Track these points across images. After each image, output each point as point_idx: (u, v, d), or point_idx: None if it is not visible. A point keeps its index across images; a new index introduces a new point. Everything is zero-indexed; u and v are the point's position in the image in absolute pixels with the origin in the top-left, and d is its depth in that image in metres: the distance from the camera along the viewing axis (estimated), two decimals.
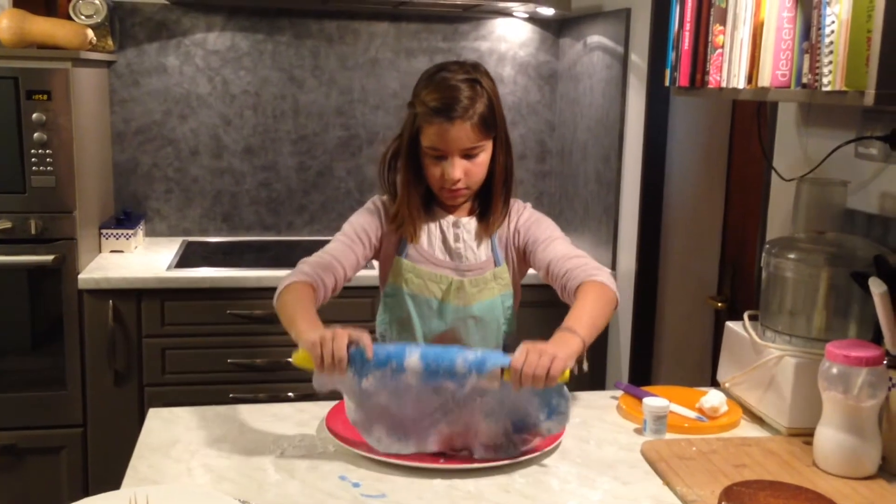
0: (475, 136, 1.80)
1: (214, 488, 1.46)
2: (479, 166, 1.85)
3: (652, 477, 1.54)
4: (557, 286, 1.83)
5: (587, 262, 1.80)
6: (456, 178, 1.82)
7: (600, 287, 1.73)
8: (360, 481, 1.50)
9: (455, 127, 1.78)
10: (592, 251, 3.29)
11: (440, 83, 1.81)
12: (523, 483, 1.51)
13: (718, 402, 1.79)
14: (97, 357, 2.90)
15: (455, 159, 1.81)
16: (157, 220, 3.52)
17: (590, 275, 1.75)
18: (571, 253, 1.84)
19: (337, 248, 1.89)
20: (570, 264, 1.79)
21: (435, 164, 1.84)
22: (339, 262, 1.85)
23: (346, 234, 1.92)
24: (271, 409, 1.83)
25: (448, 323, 1.90)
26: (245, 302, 2.95)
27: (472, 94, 1.80)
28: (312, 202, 3.61)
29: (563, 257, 1.82)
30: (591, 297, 1.70)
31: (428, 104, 1.79)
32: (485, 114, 1.81)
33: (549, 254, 1.85)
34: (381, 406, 1.62)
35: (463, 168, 1.82)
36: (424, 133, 1.81)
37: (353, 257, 1.89)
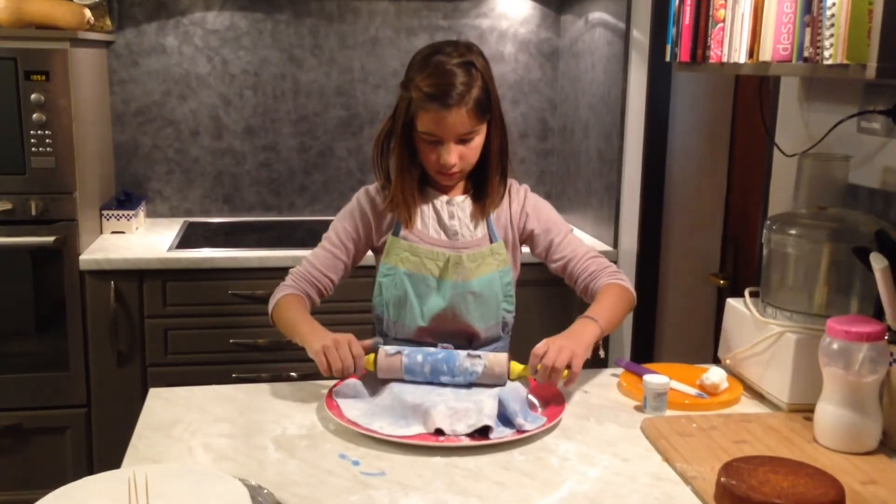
0: (471, 121, 1.79)
1: (215, 467, 1.46)
2: (473, 150, 1.85)
3: (652, 454, 1.54)
4: (577, 284, 1.94)
5: (607, 265, 1.95)
6: (452, 163, 1.82)
7: (623, 289, 1.89)
8: (360, 459, 1.50)
9: (451, 113, 1.77)
10: (594, 229, 3.28)
11: (435, 68, 1.78)
12: (523, 460, 1.51)
13: (719, 378, 1.78)
14: (100, 338, 2.90)
15: (450, 145, 1.81)
16: (158, 201, 3.52)
17: (613, 278, 1.91)
18: (589, 252, 1.96)
19: (322, 257, 1.95)
20: (593, 266, 1.93)
21: (430, 148, 1.83)
22: (324, 273, 1.94)
23: (332, 242, 1.96)
24: (271, 389, 1.83)
25: (447, 299, 1.90)
26: (247, 282, 2.95)
27: (468, 80, 1.78)
28: (314, 182, 3.60)
29: (582, 257, 1.94)
30: (615, 295, 1.86)
31: (423, 90, 1.77)
32: (480, 98, 1.80)
33: (566, 251, 1.95)
34: (383, 406, 1.64)
35: (458, 153, 1.82)
36: (420, 119, 1.80)
37: (339, 265, 1.96)
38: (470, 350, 1.78)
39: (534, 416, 1.63)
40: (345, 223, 1.96)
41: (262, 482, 1.40)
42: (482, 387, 1.70)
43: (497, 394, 1.62)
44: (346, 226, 1.96)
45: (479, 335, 1.94)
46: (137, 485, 1.25)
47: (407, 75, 1.84)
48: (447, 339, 1.92)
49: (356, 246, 1.97)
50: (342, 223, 1.97)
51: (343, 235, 1.96)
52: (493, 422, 1.57)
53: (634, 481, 1.44)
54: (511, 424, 1.60)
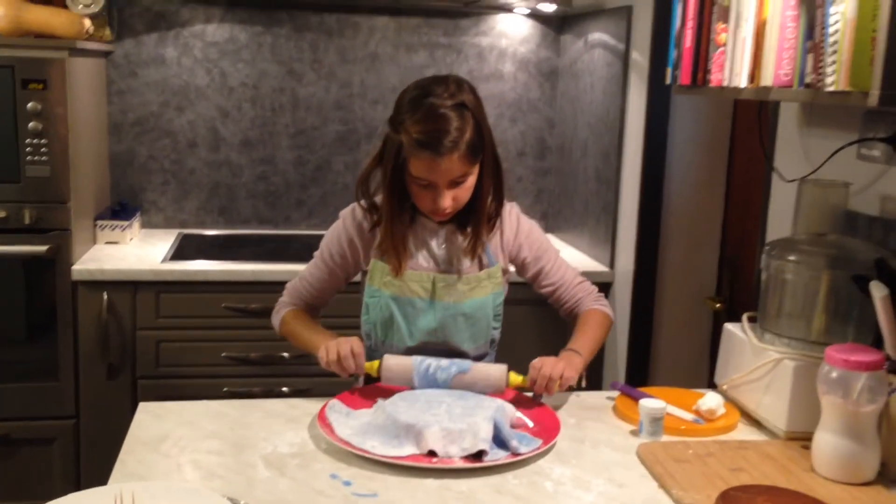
0: (463, 165, 1.75)
1: (203, 485, 1.44)
2: (466, 190, 1.81)
3: (647, 480, 1.52)
4: (562, 308, 2.02)
5: (591, 290, 2.02)
6: (446, 207, 1.79)
7: (604, 315, 1.97)
8: (352, 480, 1.48)
9: (444, 160, 1.72)
10: (591, 249, 3.27)
11: (427, 113, 1.72)
12: (516, 484, 1.49)
13: (716, 404, 1.77)
14: (90, 349, 2.88)
15: (444, 190, 1.77)
16: (153, 212, 3.50)
17: (596, 303, 1.99)
18: (576, 279, 2.02)
19: (316, 275, 1.98)
20: (580, 293, 2.00)
21: (423, 191, 1.79)
22: (318, 291, 2.00)
23: (324, 261, 1.97)
24: (263, 405, 1.81)
25: (437, 320, 1.88)
26: (240, 296, 2.93)
27: (461, 124, 1.73)
28: (310, 196, 3.59)
29: (570, 284, 2.00)
30: (595, 323, 1.94)
31: (414, 136, 1.71)
32: (473, 140, 1.75)
33: (555, 278, 1.99)
34: (376, 425, 1.62)
35: (452, 195, 1.79)
36: (412, 164, 1.75)
37: (332, 284, 1.99)
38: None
39: (528, 439, 1.61)
40: (332, 247, 1.95)
41: (250, 501, 1.38)
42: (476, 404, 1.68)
43: (492, 416, 1.60)
44: (332, 250, 1.95)
45: (467, 354, 1.92)
46: (124, 502, 1.23)
47: (396, 116, 1.77)
48: None
49: (345, 269, 1.97)
50: (330, 246, 1.96)
51: (332, 257, 1.95)
52: (488, 445, 1.55)
53: None
54: (505, 447, 1.58)
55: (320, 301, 2.01)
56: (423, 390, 1.77)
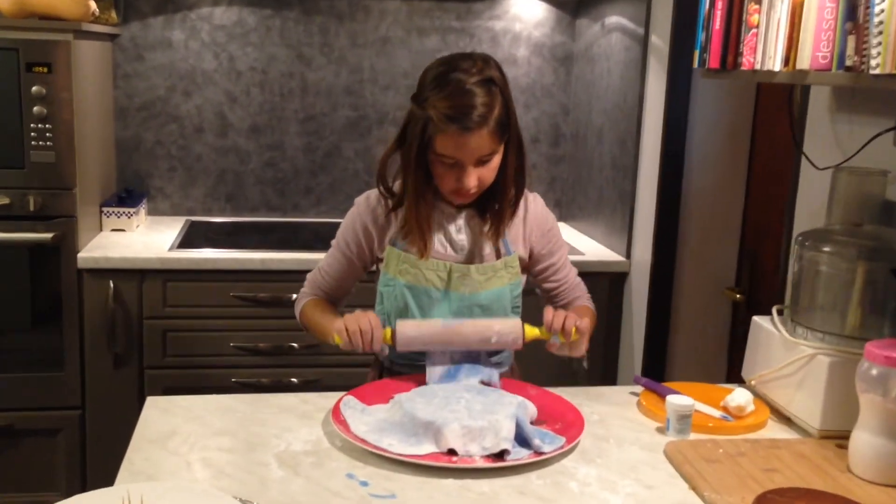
0: (491, 142, 1.70)
1: (214, 485, 1.38)
2: (491, 170, 1.76)
3: (677, 480, 1.46)
4: (554, 303, 1.95)
5: (585, 290, 2.01)
6: (471, 186, 1.73)
7: (594, 314, 1.97)
8: (369, 480, 1.42)
9: (472, 136, 1.67)
10: (606, 238, 3.21)
11: (455, 88, 1.67)
12: (540, 485, 1.42)
13: (745, 400, 1.70)
14: (96, 338, 2.82)
15: (470, 168, 1.71)
16: (159, 198, 3.44)
17: (588, 303, 1.99)
18: (576, 279, 2.00)
19: (334, 266, 1.93)
20: (577, 292, 1.99)
21: (447, 170, 1.73)
22: (337, 283, 1.94)
23: (341, 251, 1.92)
24: (274, 400, 1.75)
25: (452, 312, 1.82)
26: (249, 284, 2.87)
27: (489, 99, 1.68)
28: (319, 183, 3.52)
29: (572, 285, 1.98)
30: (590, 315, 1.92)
31: (441, 111, 1.66)
32: (501, 117, 1.70)
33: (560, 277, 1.97)
34: (393, 422, 1.56)
35: (477, 174, 1.73)
36: (438, 141, 1.69)
37: (351, 274, 1.93)
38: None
39: (551, 437, 1.54)
40: (347, 235, 1.91)
41: (264, 503, 1.32)
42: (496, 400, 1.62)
43: (514, 414, 1.54)
44: (347, 238, 1.90)
45: None
46: None
47: (420, 93, 1.72)
48: None
49: (361, 257, 1.91)
50: (345, 235, 1.91)
51: (348, 246, 1.91)
52: (511, 444, 1.49)
53: None
54: (528, 445, 1.51)
55: (340, 292, 1.95)
56: (442, 385, 1.70)
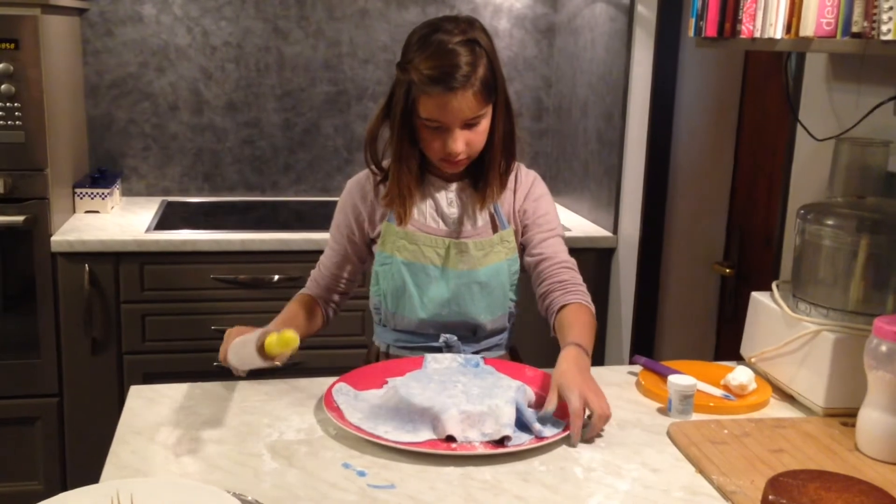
0: (477, 104, 1.65)
1: (206, 479, 1.32)
2: (480, 134, 1.71)
3: (683, 463, 1.42)
4: (542, 285, 1.80)
5: (580, 282, 1.79)
6: (458, 151, 1.68)
7: (592, 315, 1.74)
8: (366, 469, 1.36)
9: (456, 97, 1.62)
10: (591, 213, 3.16)
11: (437, 48, 1.63)
12: (544, 471, 1.38)
13: (747, 379, 1.66)
14: (72, 324, 2.74)
15: (456, 131, 1.66)
16: (134, 178, 3.34)
17: (583, 298, 1.76)
18: (568, 261, 1.81)
19: (330, 257, 1.87)
20: (566, 275, 1.78)
21: (434, 135, 1.69)
22: (336, 275, 1.87)
23: (336, 240, 1.87)
24: (263, 387, 1.69)
25: (451, 289, 1.77)
26: (228, 266, 2.80)
27: (472, 59, 1.63)
28: (299, 161, 3.44)
29: (559, 262, 1.79)
30: (589, 323, 1.70)
31: (424, 72, 1.61)
32: (486, 78, 1.65)
33: (546, 249, 1.80)
34: (388, 408, 1.51)
35: (464, 139, 1.68)
36: (422, 104, 1.65)
37: (348, 262, 1.87)
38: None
39: (552, 421, 1.50)
40: (338, 220, 1.87)
41: (258, 496, 1.26)
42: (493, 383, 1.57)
43: (514, 399, 1.49)
44: (338, 222, 1.86)
45: (484, 327, 1.81)
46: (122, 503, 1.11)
47: (404, 56, 1.68)
48: (450, 331, 1.80)
49: (354, 243, 1.85)
50: (336, 220, 1.87)
51: (339, 230, 1.86)
52: (512, 430, 1.44)
53: (668, 495, 1.32)
54: (527, 430, 1.47)
55: (338, 286, 1.88)
56: (437, 369, 1.65)
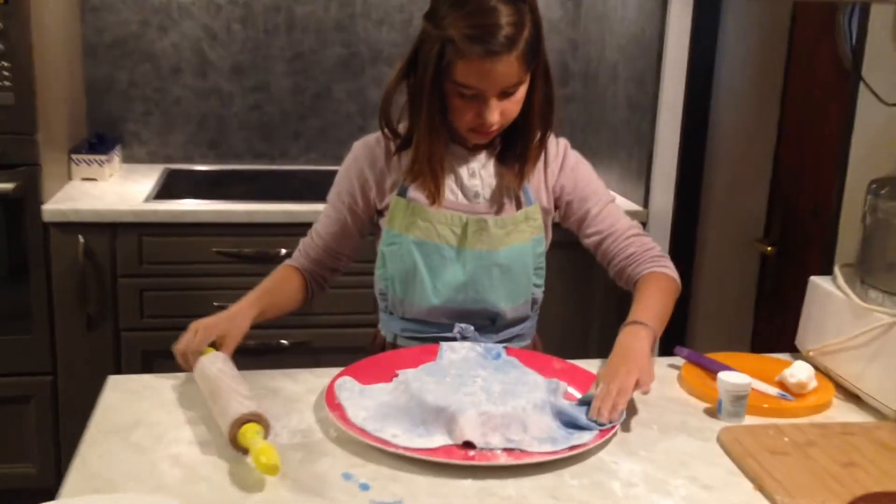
0: (520, 70, 1.45)
1: (182, 493, 1.13)
2: (516, 104, 1.51)
3: (738, 478, 1.22)
4: (612, 265, 1.66)
5: (650, 247, 1.64)
6: (494, 122, 1.48)
7: (669, 280, 1.60)
8: (370, 482, 1.18)
9: (499, 62, 1.41)
10: (620, 186, 2.95)
11: (476, 5, 1.42)
12: (576, 486, 1.19)
13: (806, 376, 1.46)
14: (66, 298, 2.57)
15: (493, 101, 1.46)
16: (135, 145, 3.16)
17: (656, 265, 1.61)
18: (631, 229, 1.65)
19: (327, 226, 1.67)
20: (633, 247, 1.63)
21: (466, 103, 1.48)
22: (331, 247, 1.68)
23: (335, 208, 1.66)
24: (258, 379, 1.50)
25: (467, 273, 1.57)
26: (232, 239, 2.62)
27: (517, 18, 1.42)
28: (309, 128, 3.24)
29: (622, 235, 1.64)
30: (661, 289, 1.57)
31: (463, 31, 1.41)
32: (531, 42, 1.45)
33: (603, 225, 1.65)
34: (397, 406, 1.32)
35: (500, 108, 1.48)
36: (458, 68, 1.43)
37: (347, 234, 1.66)
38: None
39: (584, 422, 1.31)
40: (341, 186, 1.65)
41: None
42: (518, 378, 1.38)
43: (545, 403, 1.30)
44: (341, 188, 1.65)
45: (503, 315, 1.62)
46: None
47: (436, 12, 1.46)
48: (465, 320, 1.60)
49: (356, 213, 1.65)
50: (338, 186, 1.66)
51: (341, 197, 1.64)
52: (541, 445, 1.25)
53: None
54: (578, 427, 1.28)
55: (332, 259, 1.68)
56: (454, 361, 1.46)
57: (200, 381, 1.37)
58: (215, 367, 1.37)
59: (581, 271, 2.68)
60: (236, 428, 1.21)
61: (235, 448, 1.22)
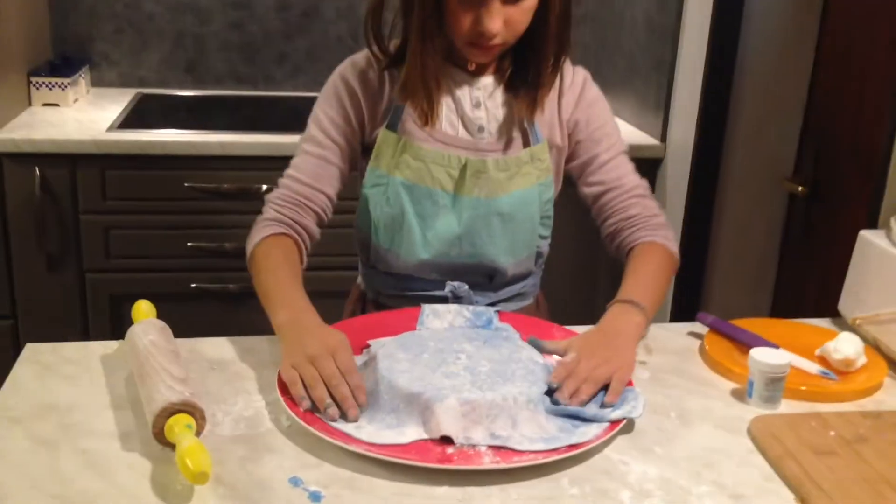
0: None
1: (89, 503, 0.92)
2: (524, 13, 1.26)
3: (776, 485, 1.00)
4: (607, 224, 1.44)
5: (654, 213, 1.43)
6: (494, 30, 1.24)
7: (667, 254, 1.39)
8: (323, 489, 0.96)
9: None
10: (636, 117, 2.69)
11: None
12: (577, 496, 0.97)
13: (854, 352, 1.23)
14: (23, 236, 2.35)
15: (494, 4, 1.22)
16: (105, 67, 2.89)
17: (658, 234, 1.40)
18: (637, 188, 1.44)
19: (309, 166, 1.37)
20: (635, 209, 1.41)
21: (464, 7, 1.24)
22: (316, 189, 1.36)
23: (317, 142, 1.36)
24: (203, 347, 1.26)
25: (463, 223, 1.34)
26: (207, 173, 2.38)
27: None
28: (296, 50, 2.96)
29: (626, 192, 1.42)
30: (658, 264, 1.36)
31: None
32: None
33: (608, 177, 1.42)
34: None
35: (504, 16, 1.24)
36: None
37: (334, 172, 1.37)
38: None
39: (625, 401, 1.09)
40: (329, 111, 1.37)
41: None
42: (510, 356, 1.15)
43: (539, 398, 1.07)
44: (331, 115, 1.37)
45: (503, 271, 1.39)
46: None
47: None
48: (459, 277, 1.38)
49: (349, 141, 1.38)
50: (325, 112, 1.37)
51: (330, 129, 1.37)
52: (531, 443, 1.02)
53: None
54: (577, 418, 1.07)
55: (319, 205, 1.37)
56: (434, 331, 1.24)
57: (129, 355, 1.15)
58: (147, 338, 1.14)
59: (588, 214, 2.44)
60: (162, 420, 0.99)
61: (162, 443, 1.00)
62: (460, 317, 1.30)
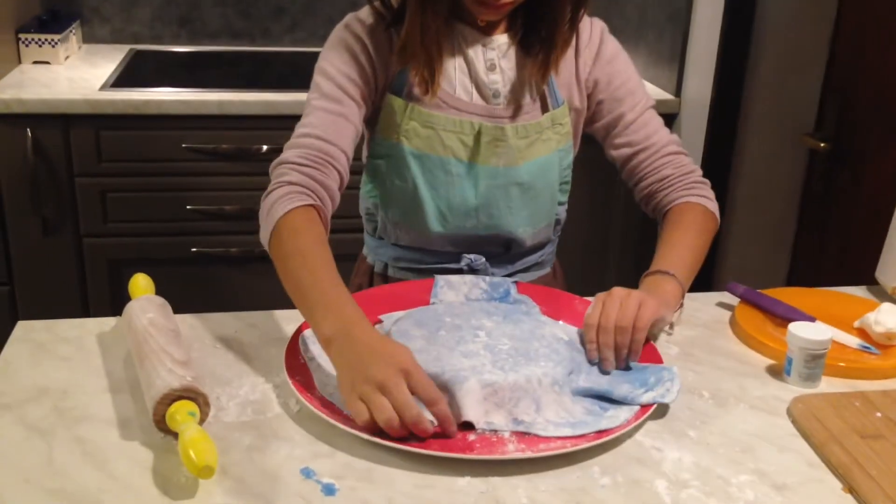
0: None
1: (86, 499, 0.85)
2: None
3: (821, 472, 0.94)
4: (640, 187, 1.35)
5: (689, 170, 1.34)
6: None
7: (706, 214, 1.30)
8: (337, 480, 0.89)
9: None
10: (649, 70, 2.59)
11: None
12: (608, 486, 0.90)
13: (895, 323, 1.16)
14: (18, 200, 2.27)
15: None
16: (96, 22, 2.79)
17: (694, 193, 1.31)
18: (669, 146, 1.34)
19: (328, 123, 1.21)
20: (669, 168, 1.32)
21: None
22: (337, 146, 1.20)
23: (332, 98, 1.22)
24: (205, 326, 1.20)
25: (479, 194, 1.26)
26: (206, 133, 2.29)
27: None
28: (294, 3, 2.86)
29: (657, 152, 1.33)
30: (695, 228, 1.27)
31: None
32: None
33: (636, 136, 1.32)
34: None
35: None
36: None
37: (350, 131, 1.22)
38: None
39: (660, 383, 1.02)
40: (342, 66, 1.23)
41: None
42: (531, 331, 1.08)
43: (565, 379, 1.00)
44: (344, 70, 1.23)
45: (522, 241, 1.31)
46: None
47: None
48: (475, 249, 1.30)
49: (365, 99, 1.25)
50: (337, 67, 1.23)
51: (346, 84, 1.23)
52: (556, 429, 0.96)
53: None
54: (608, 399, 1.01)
55: (341, 164, 1.21)
56: (448, 305, 1.17)
57: (127, 334, 1.08)
58: (146, 316, 1.07)
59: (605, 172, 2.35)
60: (163, 407, 0.92)
61: (163, 432, 0.94)
62: (476, 288, 1.23)
